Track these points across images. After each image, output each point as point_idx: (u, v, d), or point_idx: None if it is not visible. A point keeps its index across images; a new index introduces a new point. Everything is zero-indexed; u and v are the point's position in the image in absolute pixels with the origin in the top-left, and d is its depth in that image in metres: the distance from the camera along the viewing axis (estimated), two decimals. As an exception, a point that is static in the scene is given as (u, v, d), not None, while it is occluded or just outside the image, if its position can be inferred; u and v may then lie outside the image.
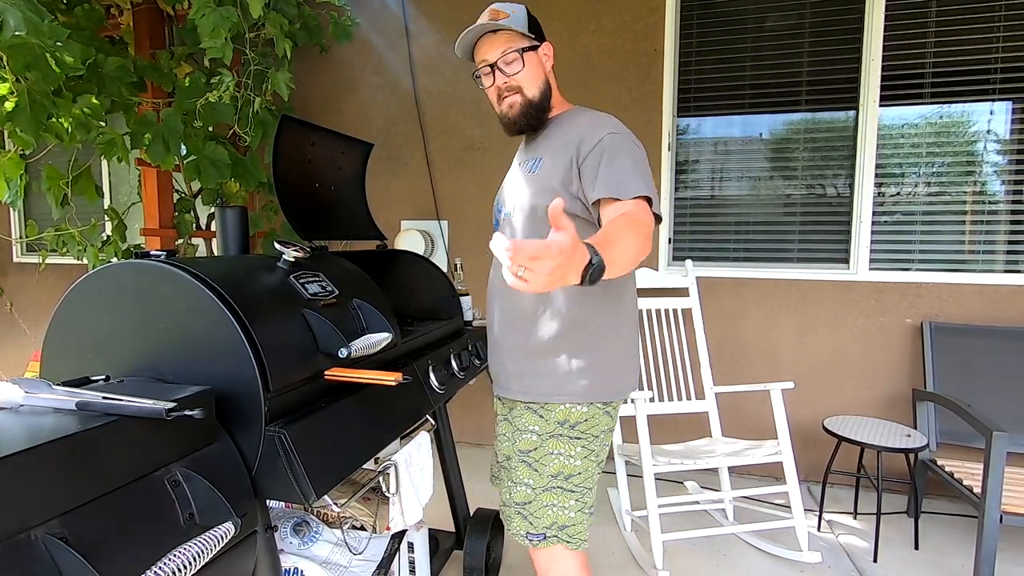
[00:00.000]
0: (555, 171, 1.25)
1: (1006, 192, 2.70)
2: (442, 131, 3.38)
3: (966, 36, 2.67)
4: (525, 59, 1.29)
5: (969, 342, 2.60)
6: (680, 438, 2.61)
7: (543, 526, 1.27)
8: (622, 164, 1.17)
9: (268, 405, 1.00)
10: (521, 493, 1.30)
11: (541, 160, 1.29)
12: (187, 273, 1.02)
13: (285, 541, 1.36)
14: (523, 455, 1.31)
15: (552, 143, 1.30)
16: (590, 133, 1.22)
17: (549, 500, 1.27)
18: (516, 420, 1.34)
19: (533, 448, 1.29)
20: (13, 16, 1.63)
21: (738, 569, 2.18)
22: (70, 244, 2.74)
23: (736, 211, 3.04)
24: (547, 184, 1.26)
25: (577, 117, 1.31)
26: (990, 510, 1.89)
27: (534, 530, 1.28)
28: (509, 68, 1.30)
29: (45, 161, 2.50)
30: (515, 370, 1.33)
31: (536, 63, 1.31)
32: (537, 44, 1.32)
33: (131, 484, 0.80)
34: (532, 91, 1.31)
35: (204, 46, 2.12)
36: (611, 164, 1.17)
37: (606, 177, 1.16)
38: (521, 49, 1.29)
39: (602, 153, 1.19)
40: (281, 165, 1.55)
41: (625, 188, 1.14)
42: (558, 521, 1.27)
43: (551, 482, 1.28)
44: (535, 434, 1.29)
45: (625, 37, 3.02)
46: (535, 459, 1.29)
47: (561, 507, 1.27)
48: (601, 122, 1.25)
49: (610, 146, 1.19)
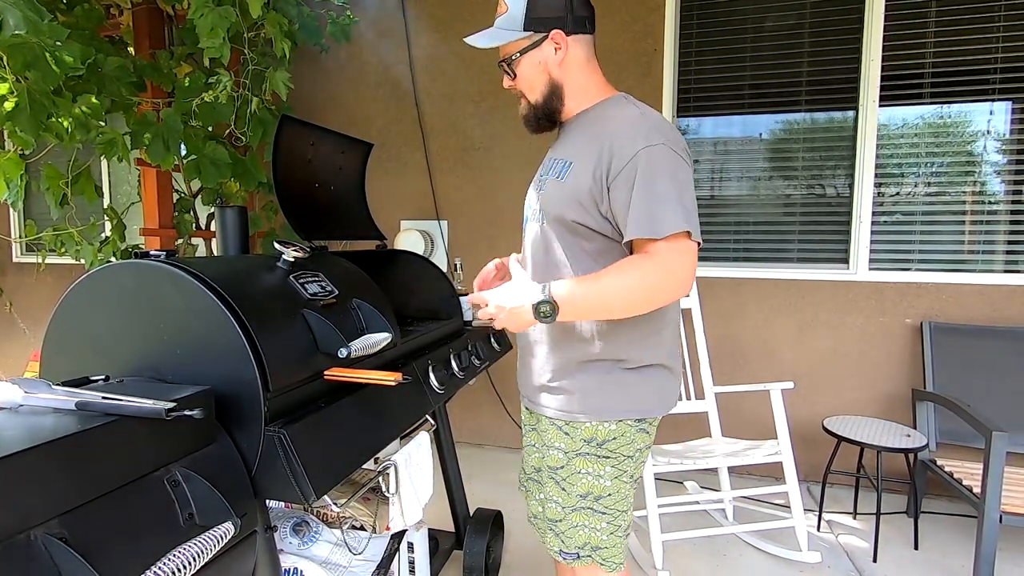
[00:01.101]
0: (584, 182, 1.12)
1: (1006, 192, 2.71)
2: (442, 131, 3.38)
3: (966, 36, 2.67)
4: (519, 66, 1.19)
5: (969, 342, 2.60)
6: (680, 438, 2.61)
7: (575, 546, 1.22)
8: (657, 191, 1.03)
9: (268, 405, 0.99)
10: (552, 510, 1.25)
11: (571, 165, 1.16)
12: (187, 273, 1.01)
13: (285, 541, 1.36)
14: (552, 471, 1.24)
15: (582, 145, 1.16)
16: (623, 143, 1.07)
17: (579, 520, 1.21)
18: (543, 434, 1.27)
19: (560, 466, 1.22)
20: (13, 16, 1.63)
21: (738, 569, 2.18)
22: (68, 244, 2.74)
23: (736, 211, 3.04)
24: (575, 196, 1.13)
25: (610, 114, 1.16)
26: (990, 510, 1.89)
27: (567, 549, 1.23)
28: (507, 78, 1.23)
29: (45, 161, 2.50)
30: (539, 383, 1.26)
31: (534, 65, 1.18)
32: (539, 39, 1.16)
33: (131, 484, 0.80)
34: (533, 96, 1.21)
35: (202, 46, 2.12)
36: (645, 192, 1.03)
37: (638, 211, 1.03)
38: (513, 56, 1.18)
39: (634, 175, 1.05)
40: (281, 165, 1.55)
41: (659, 225, 1.02)
42: (591, 542, 1.21)
43: (580, 503, 1.20)
44: (561, 451, 1.22)
45: (625, 37, 3.02)
46: (562, 477, 1.22)
47: (592, 528, 1.20)
48: (637, 126, 1.09)
49: (645, 166, 1.04)
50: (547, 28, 1.15)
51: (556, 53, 1.17)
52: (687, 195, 1.05)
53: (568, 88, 1.20)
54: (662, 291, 1.04)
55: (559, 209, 1.17)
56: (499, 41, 1.18)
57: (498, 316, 1.10)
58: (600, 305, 1.06)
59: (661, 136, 1.07)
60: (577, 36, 1.17)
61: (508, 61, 1.20)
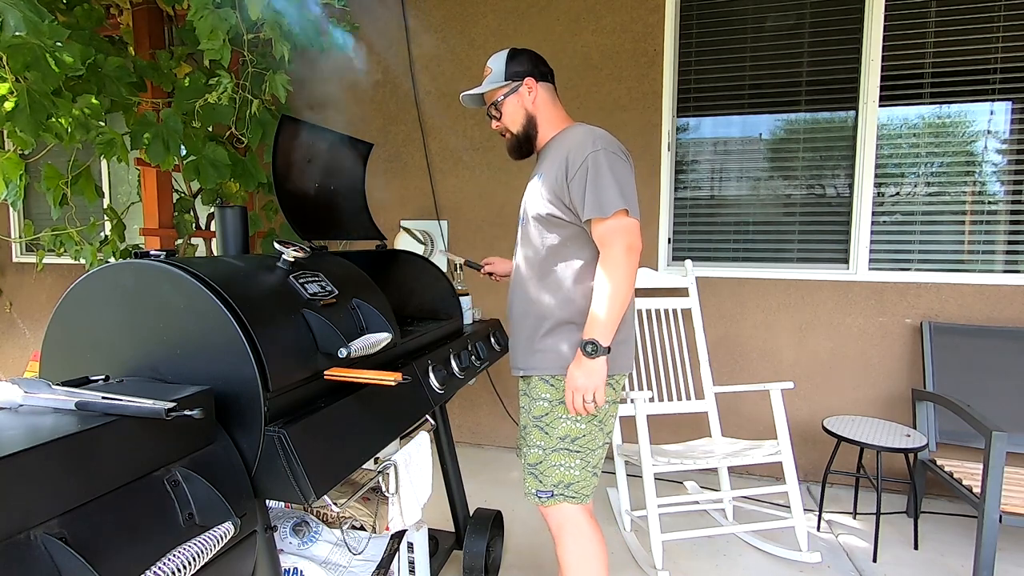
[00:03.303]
0: (550, 183, 1.47)
1: (1005, 192, 2.71)
2: (442, 131, 3.38)
3: (966, 36, 2.67)
4: (504, 107, 1.56)
5: (969, 342, 2.60)
6: (680, 438, 2.61)
7: (551, 483, 1.48)
8: (602, 183, 1.38)
9: (268, 405, 0.99)
10: (533, 455, 1.51)
11: (543, 175, 1.51)
12: (186, 273, 1.01)
13: (285, 541, 1.36)
14: (536, 420, 1.51)
15: (550, 159, 1.51)
16: (576, 150, 1.43)
17: (557, 460, 1.48)
18: (532, 391, 1.53)
19: (545, 413, 1.49)
20: (13, 16, 1.63)
21: (738, 569, 2.18)
22: (68, 244, 2.74)
23: (736, 211, 3.04)
24: (545, 195, 1.48)
25: (567, 135, 1.52)
26: (990, 510, 1.89)
27: (543, 488, 1.49)
28: (493, 121, 1.60)
29: (45, 161, 2.50)
30: (529, 348, 1.52)
31: (515, 104, 1.55)
32: (516, 85, 1.54)
33: (131, 484, 0.80)
34: (515, 127, 1.57)
35: (202, 47, 2.12)
36: (594, 184, 1.39)
37: (591, 199, 1.39)
38: (498, 101, 1.55)
39: (586, 172, 1.40)
40: (281, 165, 1.55)
41: (606, 206, 1.37)
42: (564, 479, 1.47)
43: (559, 444, 1.48)
44: (547, 401, 1.49)
45: (625, 37, 3.02)
46: (546, 423, 1.49)
47: (567, 467, 1.47)
48: (586, 138, 1.44)
49: (593, 164, 1.40)
50: (521, 77, 1.55)
51: (529, 94, 1.55)
52: (626, 185, 1.40)
53: (540, 119, 1.56)
54: (627, 263, 1.38)
55: (536, 208, 1.51)
56: (489, 88, 1.57)
57: (582, 394, 1.40)
58: (611, 307, 1.37)
59: (603, 143, 1.42)
60: (543, 83, 1.57)
61: (495, 104, 1.57)
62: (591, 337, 1.37)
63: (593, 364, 1.37)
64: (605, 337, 1.37)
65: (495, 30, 3.22)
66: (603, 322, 1.37)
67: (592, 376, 1.38)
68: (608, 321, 1.37)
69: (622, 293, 1.37)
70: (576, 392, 1.40)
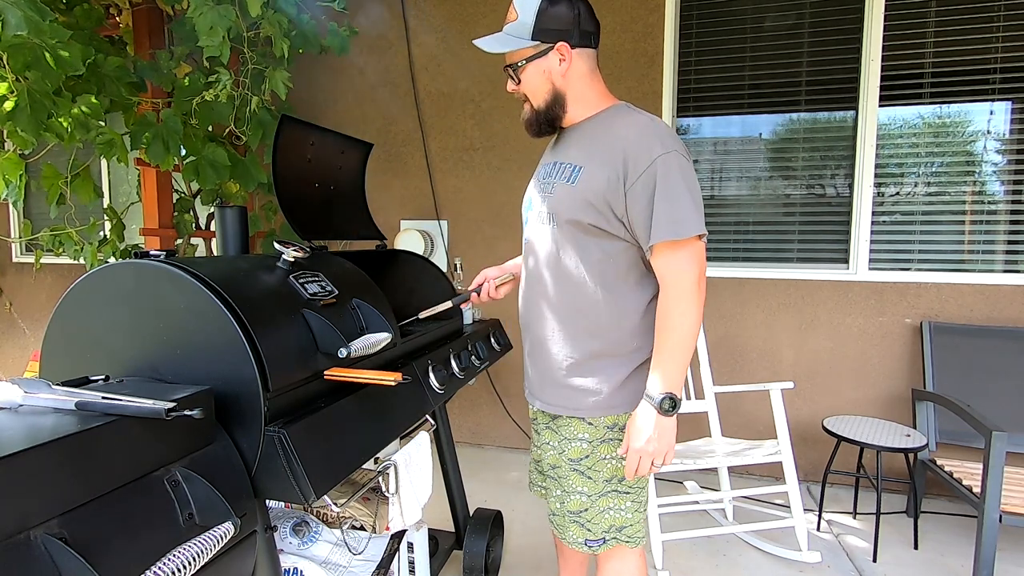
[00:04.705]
0: (598, 187, 1.16)
1: (1005, 192, 2.71)
2: (442, 131, 3.38)
3: (965, 36, 2.67)
4: (524, 73, 1.22)
5: (969, 342, 2.60)
6: (680, 438, 2.59)
7: (602, 531, 1.28)
8: (679, 197, 1.11)
9: (268, 405, 0.99)
10: (575, 502, 1.29)
11: (581, 170, 1.20)
12: (186, 273, 1.01)
13: (285, 541, 1.36)
14: (574, 464, 1.29)
15: (592, 150, 1.20)
16: (638, 150, 1.13)
17: (606, 505, 1.28)
18: (562, 429, 1.30)
19: (584, 456, 1.27)
20: (13, 16, 1.63)
21: (738, 569, 2.18)
22: (67, 244, 2.74)
23: (736, 211, 3.04)
24: (588, 200, 1.18)
25: (619, 121, 1.20)
26: (989, 510, 1.89)
27: (593, 536, 1.28)
28: (511, 82, 1.27)
29: (44, 160, 2.50)
30: (560, 381, 1.29)
31: (539, 73, 1.21)
32: (545, 49, 1.19)
33: (131, 484, 0.80)
34: (537, 101, 1.25)
35: (202, 44, 2.12)
36: (666, 199, 1.11)
37: (663, 217, 1.11)
38: (519, 63, 1.22)
39: (653, 182, 1.11)
40: (281, 165, 1.55)
41: (682, 228, 1.11)
42: (616, 523, 1.28)
43: (606, 487, 1.27)
44: (585, 442, 1.27)
45: (625, 37, 3.02)
46: (587, 467, 1.28)
47: (618, 510, 1.28)
48: (648, 135, 1.15)
49: (663, 172, 1.11)
50: (553, 39, 1.19)
51: (560, 64, 1.20)
52: (698, 197, 1.15)
53: (570, 97, 1.24)
54: (701, 299, 1.16)
55: (573, 213, 1.20)
56: (507, 47, 1.22)
57: (651, 459, 1.17)
58: (686, 352, 1.15)
59: (673, 142, 1.14)
60: (581, 49, 1.21)
61: (514, 67, 1.24)
62: (668, 391, 1.13)
63: (668, 423, 1.15)
64: (680, 387, 1.15)
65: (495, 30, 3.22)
66: (680, 371, 1.15)
67: (665, 436, 1.15)
68: (683, 369, 1.15)
69: (695, 334, 1.15)
70: (645, 457, 1.16)
